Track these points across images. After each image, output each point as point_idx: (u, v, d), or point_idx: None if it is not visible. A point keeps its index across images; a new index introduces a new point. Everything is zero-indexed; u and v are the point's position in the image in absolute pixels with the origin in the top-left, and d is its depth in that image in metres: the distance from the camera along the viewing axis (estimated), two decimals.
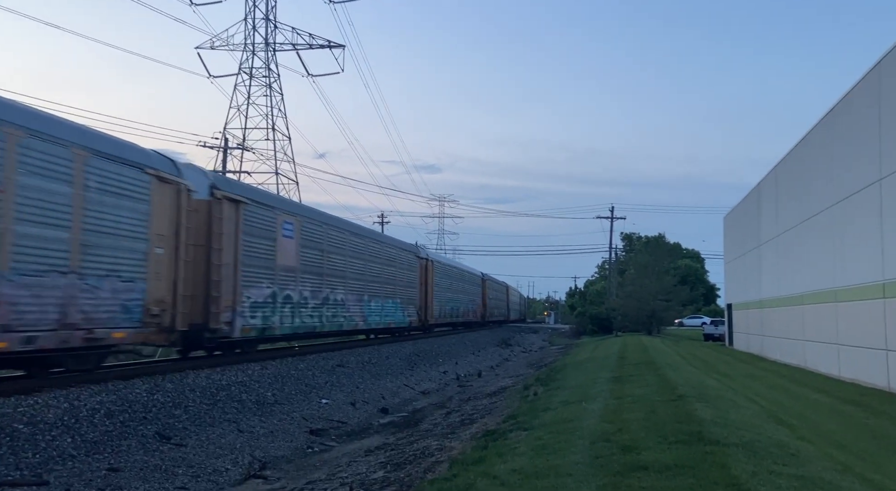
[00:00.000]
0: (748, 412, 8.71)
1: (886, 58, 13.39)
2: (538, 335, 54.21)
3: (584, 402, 9.66)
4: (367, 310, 23.22)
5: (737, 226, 31.51)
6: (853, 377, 14.72)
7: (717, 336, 39.12)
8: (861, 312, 14.35)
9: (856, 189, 14.75)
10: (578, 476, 5.18)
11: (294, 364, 16.42)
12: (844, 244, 15.58)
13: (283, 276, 16.97)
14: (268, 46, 47.29)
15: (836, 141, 16.47)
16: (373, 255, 24.19)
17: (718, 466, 5.19)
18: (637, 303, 48.11)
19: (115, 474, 7.81)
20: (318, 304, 19.02)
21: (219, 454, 9.28)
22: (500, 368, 24.33)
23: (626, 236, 76.09)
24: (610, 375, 13.66)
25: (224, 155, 41.56)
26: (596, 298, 64.56)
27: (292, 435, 11.02)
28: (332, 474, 8.02)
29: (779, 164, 22.90)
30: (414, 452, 8.31)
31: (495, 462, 6.20)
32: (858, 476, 5.52)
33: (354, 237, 22.50)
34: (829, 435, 8.38)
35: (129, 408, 10.01)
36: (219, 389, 12.38)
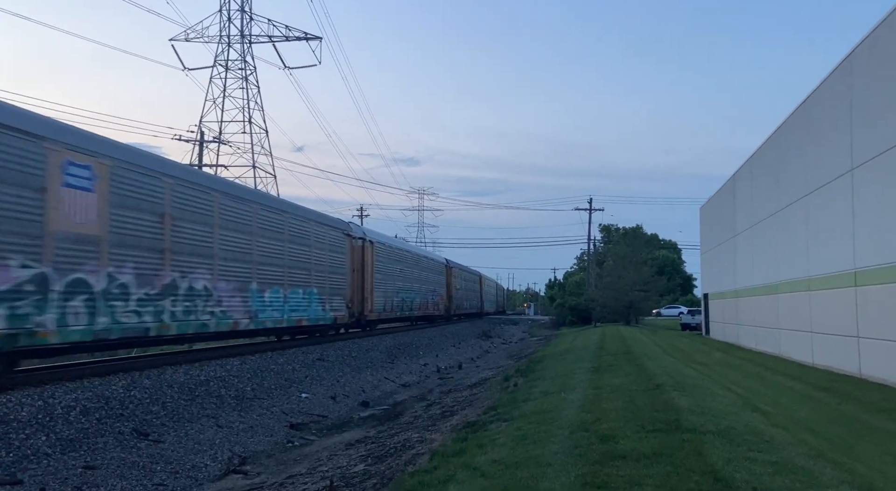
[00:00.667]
0: (724, 400, 8.84)
1: (857, 50, 13.59)
2: (518, 327, 54.49)
3: (564, 392, 9.74)
4: (257, 303, 16.37)
5: (712, 216, 31.88)
6: (826, 364, 15.00)
7: (694, 325, 39.62)
8: (833, 300, 14.61)
9: (828, 179, 14.98)
10: (558, 466, 5.22)
11: (273, 358, 16.32)
12: (817, 234, 15.84)
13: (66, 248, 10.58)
14: (243, 38, 46.73)
15: (809, 132, 16.70)
16: (268, 227, 17.19)
17: (695, 453, 5.26)
18: (615, 293, 48.55)
19: (91, 472, 7.72)
20: (152, 294, 12.48)
21: (198, 450, 9.20)
22: (480, 359, 24.42)
23: (605, 228, 76.80)
24: (589, 366, 13.78)
25: (200, 148, 41.06)
26: (575, 289, 65.05)
27: (272, 429, 10.97)
28: (313, 468, 8.01)
29: (753, 155, 23.18)
30: (395, 445, 8.32)
31: (476, 453, 6.23)
32: (830, 461, 5.63)
33: (233, 201, 15.67)
34: (802, 421, 8.54)
35: (105, 405, 9.88)
36: (197, 385, 12.27)
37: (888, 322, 11.91)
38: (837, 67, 14.74)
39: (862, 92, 13.31)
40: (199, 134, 41.75)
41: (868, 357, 12.83)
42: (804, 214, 16.83)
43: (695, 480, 4.53)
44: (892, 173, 11.79)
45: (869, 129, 12.86)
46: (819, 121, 15.99)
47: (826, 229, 15.20)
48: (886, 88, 12.16)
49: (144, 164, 12.69)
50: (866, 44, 13.17)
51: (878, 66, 12.64)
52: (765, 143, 21.56)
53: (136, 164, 12.41)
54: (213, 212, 14.75)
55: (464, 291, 51.49)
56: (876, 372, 12.39)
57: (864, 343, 12.98)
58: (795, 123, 18.01)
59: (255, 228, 16.51)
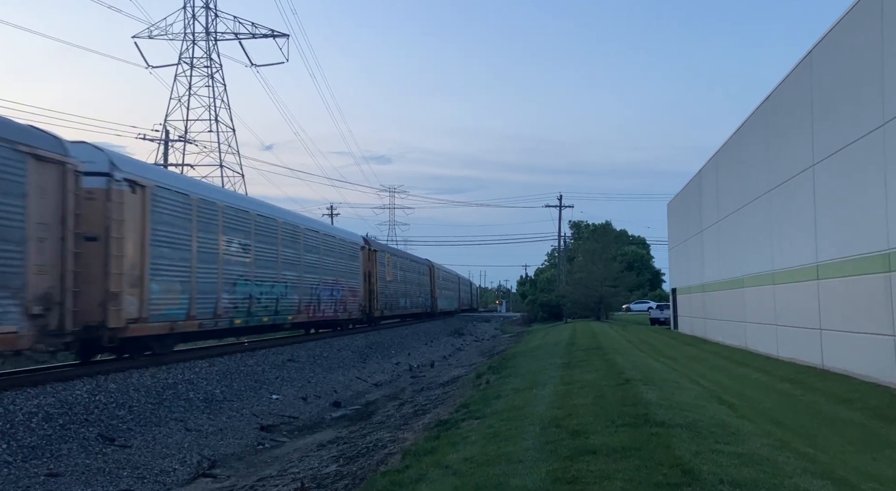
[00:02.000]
0: (692, 393, 8.98)
1: (816, 48, 13.90)
2: (490, 324, 54.68)
3: (535, 388, 9.79)
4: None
5: (680, 212, 32.34)
6: (790, 356, 15.34)
7: (662, 320, 40.19)
8: (796, 293, 14.94)
9: (790, 175, 15.30)
10: (529, 462, 5.25)
11: (243, 360, 16.13)
12: (781, 228, 16.17)
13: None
14: (209, 36, 46.05)
15: (772, 128, 17.04)
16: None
17: (663, 446, 5.33)
18: (586, 289, 49.02)
19: (54, 479, 7.54)
20: None
21: (166, 454, 9.05)
22: (452, 357, 24.45)
23: (575, 224, 77.53)
24: (560, 362, 13.89)
25: (165, 148, 40.36)
26: (546, 286, 65.54)
27: (242, 432, 10.84)
28: (284, 470, 7.93)
29: (718, 151, 23.57)
30: (367, 445, 8.29)
31: (448, 452, 6.23)
32: (794, 451, 5.75)
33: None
34: (767, 413, 8.72)
35: (69, 410, 9.66)
36: (165, 388, 12.07)
37: (848, 314, 12.21)
38: (798, 65, 15.06)
39: (821, 90, 13.62)
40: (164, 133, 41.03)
41: (830, 349, 13.15)
42: (768, 210, 17.16)
43: (663, 473, 4.59)
44: (850, 169, 12.09)
45: (828, 125, 13.16)
46: (781, 118, 16.32)
47: (789, 224, 15.53)
48: (844, 87, 12.46)
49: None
50: (825, 42, 13.48)
51: (836, 65, 12.94)
52: (729, 139, 21.94)
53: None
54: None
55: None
56: (837, 363, 12.71)
57: (826, 335, 13.30)
58: (758, 120, 18.35)
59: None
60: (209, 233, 15.92)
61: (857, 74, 11.90)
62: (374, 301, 31.08)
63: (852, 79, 12.14)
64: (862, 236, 11.58)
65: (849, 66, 12.34)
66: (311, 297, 22.87)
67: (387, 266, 34.38)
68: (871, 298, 11.19)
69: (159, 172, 16.67)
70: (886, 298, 10.57)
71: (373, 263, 31.29)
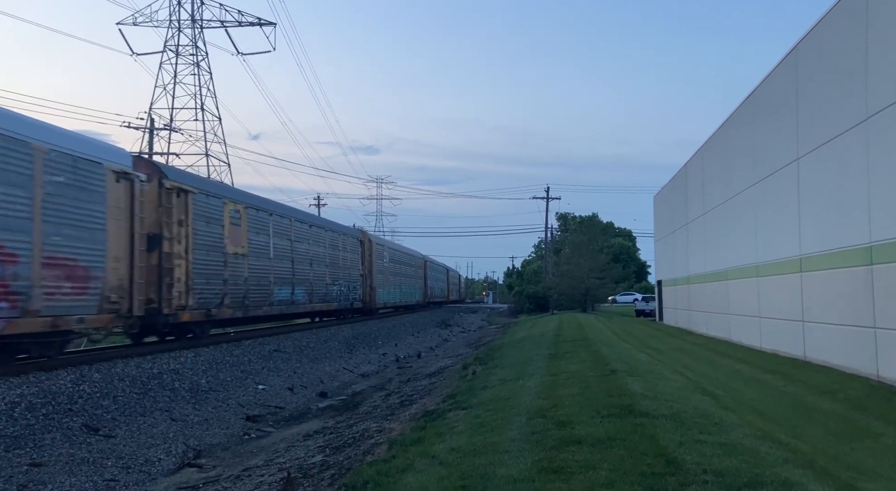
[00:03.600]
0: (676, 384, 9.07)
1: (801, 43, 13.99)
2: (477, 315, 54.82)
3: (521, 379, 9.84)
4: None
5: (666, 205, 32.51)
6: (773, 348, 15.52)
7: (648, 312, 40.48)
8: (780, 285, 15.09)
9: (775, 168, 15.42)
10: (515, 452, 5.28)
11: (229, 350, 16.07)
12: (765, 221, 16.31)
13: None
14: (194, 23, 45.55)
15: (758, 122, 17.15)
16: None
17: (648, 437, 5.38)
18: (572, 281, 49.22)
19: (37, 469, 7.49)
20: None
21: (151, 444, 9.01)
22: (439, 348, 24.49)
23: (562, 216, 77.68)
24: (546, 353, 13.96)
25: (150, 136, 39.94)
26: (533, 278, 65.75)
27: (228, 422, 10.81)
28: (270, 460, 7.93)
29: (704, 144, 23.70)
30: (353, 435, 8.30)
31: (434, 442, 6.25)
32: (775, 441, 5.83)
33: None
34: (750, 403, 8.82)
35: (52, 400, 9.59)
36: (150, 378, 12.00)
37: (830, 307, 12.37)
38: (784, 60, 15.15)
39: (807, 84, 13.72)
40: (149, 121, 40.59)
41: (812, 340, 13.32)
42: (753, 203, 17.30)
43: (648, 462, 4.64)
44: (834, 163, 12.21)
45: (813, 120, 13.27)
46: (767, 111, 16.43)
47: (773, 217, 15.66)
48: (829, 81, 12.56)
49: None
50: (811, 36, 13.56)
51: (821, 59, 13.04)
52: (715, 133, 22.06)
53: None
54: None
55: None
56: (819, 355, 12.88)
57: (809, 327, 13.47)
58: (744, 114, 18.46)
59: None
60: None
61: (842, 69, 12.00)
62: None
63: (837, 73, 12.23)
64: (845, 229, 11.71)
65: (833, 61, 12.43)
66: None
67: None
68: (852, 291, 11.34)
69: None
70: (868, 290, 10.71)
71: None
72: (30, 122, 11.53)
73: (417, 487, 4.70)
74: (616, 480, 4.29)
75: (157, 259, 14.47)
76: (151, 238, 14.25)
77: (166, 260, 14.68)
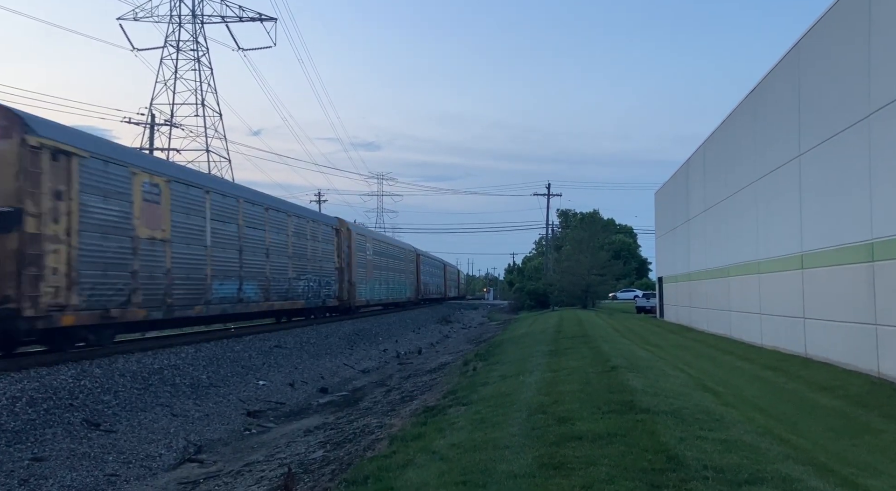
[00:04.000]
0: (677, 381, 9.07)
1: (804, 39, 13.95)
2: (478, 311, 54.84)
3: (522, 375, 9.84)
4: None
5: (667, 201, 32.47)
6: (774, 345, 15.51)
7: (648, 309, 40.47)
8: (781, 282, 15.08)
9: (777, 165, 15.39)
10: (515, 448, 5.28)
11: (230, 346, 16.08)
12: (766, 218, 16.29)
13: None
14: (195, 18, 45.47)
15: (759, 119, 17.11)
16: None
17: (648, 433, 5.38)
18: (573, 278, 49.23)
19: (39, 464, 7.50)
20: None
21: (151, 439, 9.03)
22: (440, 344, 24.51)
23: (563, 213, 77.72)
24: (547, 349, 13.96)
25: (151, 132, 39.91)
26: (534, 274, 65.73)
27: (229, 418, 10.83)
28: (271, 456, 7.94)
29: (706, 141, 23.65)
30: (354, 431, 8.30)
31: (435, 437, 6.26)
32: (776, 437, 5.83)
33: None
34: (751, 400, 8.82)
35: (53, 395, 9.60)
36: (151, 374, 12.01)
37: (831, 303, 12.35)
38: (786, 56, 15.10)
39: (809, 80, 13.68)
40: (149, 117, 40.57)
41: (813, 337, 13.31)
42: (754, 199, 17.27)
43: (648, 459, 4.64)
44: (836, 160, 12.18)
45: (815, 116, 13.24)
46: (769, 108, 16.39)
47: (775, 214, 15.64)
48: (831, 77, 12.52)
49: None
50: (813, 33, 13.52)
51: (823, 56, 13.00)
52: (717, 129, 22.02)
53: None
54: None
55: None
56: (820, 352, 12.87)
57: (810, 324, 13.46)
58: (746, 111, 18.42)
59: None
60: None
61: (844, 65, 11.96)
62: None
63: (839, 70, 12.19)
64: (846, 226, 11.69)
65: (836, 57, 12.39)
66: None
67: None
68: (854, 288, 11.32)
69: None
70: (869, 287, 10.70)
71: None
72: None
73: (418, 483, 4.70)
74: (617, 476, 4.29)
75: (16, 243, 10.97)
76: (5, 215, 10.95)
77: (31, 244, 11.03)
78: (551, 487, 4.21)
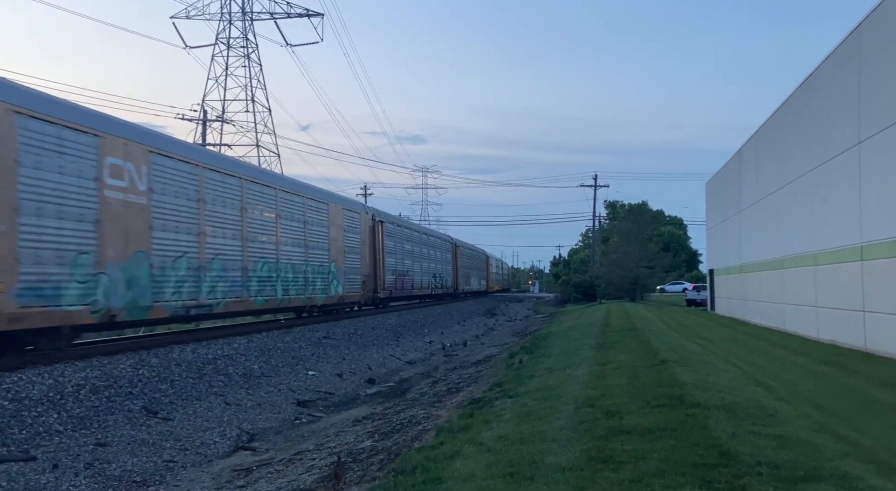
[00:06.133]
0: (728, 375, 8.88)
1: (866, 20, 13.38)
2: (523, 304, 54.63)
3: (569, 369, 9.78)
4: None
5: (718, 192, 31.71)
6: (831, 339, 15.01)
7: (699, 301, 39.64)
8: (839, 274, 14.58)
9: (835, 153, 14.85)
10: (563, 441, 5.26)
11: (280, 337, 16.42)
12: (823, 208, 15.75)
13: None
14: (245, 15, 46.32)
15: (817, 105, 16.53)
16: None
17: (699, 427, 5.29)
18: (620, 270, 48.53)
19: (102, 449, 7.82)
20: None
21: (206, 427, 9.31)
22: (485, 337, 24.53)
23: (610, 204, 76.49)
24: (594, 342, 13.83)
25: (203, 127, 40.94)
26: (580, 267, 65.03)
27: (280, 407, 11.08)
28: (321, 445, 8.10)
29: (760, 129, 22.97)
30: (401, 421, 8.40)
31: (481, 429, 6.28)
32: (834, 434, 5.66)
33: None
34: (806, 395, 8.56)
35: (114, 383, 9.98)
36: (205, 363, 12.37)
37: (894, 296, 11.88)
38: (845, 40, 14.52)
39: (871, 64, 13.13)
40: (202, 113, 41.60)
41: (874, 331, 12.83)
42: (810, 189, 16.72)
43: (699, 453, 4.57)
44: None
45: (877, 101, 12.70)
46: (826, 94, 15.80)
47: (832, 204, 15.11)
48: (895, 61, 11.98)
49: None
50: (875, 14, 12.95)
51: (886, 39, 12.44)
52: (771, 117, 21.36)
53: None
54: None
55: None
56: (881, 346, 12.40)
57: (870, 317, 12.97)
58: (802, 97, 17.81)
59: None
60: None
61: None
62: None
63: None
64: None
65: None
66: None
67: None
68: None
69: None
70: None
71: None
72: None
73: (465, 474, 4.73)
74: (667, 471, 4.23)
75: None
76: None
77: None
78: (600, 480, 4.19)
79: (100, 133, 11.40)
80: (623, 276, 48.37)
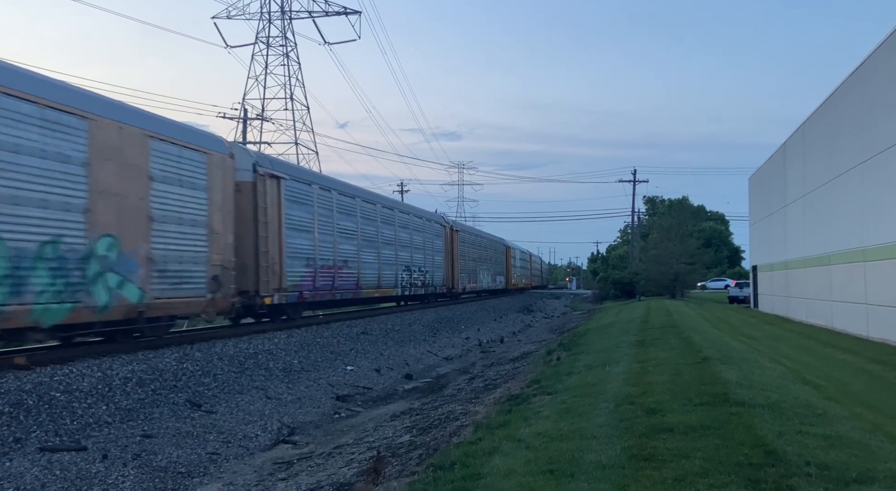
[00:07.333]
0: (774, 373, 8.66)
1: None
2: (560, 301, 54.22)
3: (608, 366, 9.67)
4: None
5: (762, 186, 30.96)
6: (882, 337, 14.54)
7: (742, 298, 38.81)
8: (891, 270, 14.10)
9: (886, 145, 14.35)
10: (603, 438, 5.20)
11: (319, 332, 16.62)
12: (873, 202, 15.24)
13: None
14: (283, 15, 46.91)
15: (867, 97, 15.99)
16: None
17: (744, 426, 5.17)
18: (660, 266, 47.73)
19: (149, 440, 8.03)
20: None
21: (248, 421, 9.48)
22: (522, 333, 24.42)
23: (649, 200, 75.35)
24: (633, 339, 13.64)
25: (244, 126, 41.64)
26: (618, 263, 64.21)
27: (319, 401, 11.21)
28: (360, 439, 8.17)
29: (806, 122, 22.34)
30: (439, 417, 8.41)
31: (520, 426, 6.25)
32: (887, 434, 5.47)
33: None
34: (856, 395, 8.30)
35: (159, 376, 10.23)
36: (246, 358, 12.59)
37: None
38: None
39: None
40: (242, 111, 42.31)
41: None
42: (859, 183, 16.19)
43: (744, 453, 4.46)
44: None
45: None
46: (877, 84, 15.27)
47: (883, 197, 14.61)
48: None
49: None
50: None
51: None
52: (817, 109, 20.74)
53: None
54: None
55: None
56: None
57: None
58: (850, 89, 17.25)
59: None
60: None
61: None
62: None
63: None
64: None
65: None
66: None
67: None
68: None
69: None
70: None
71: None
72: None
73: (504, 470, 4.71)
74: (711, 470, 4.15)
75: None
76: None
77: None
78: (642, 478, 4.13)
79: None
80: (663, 272, 47.57)
